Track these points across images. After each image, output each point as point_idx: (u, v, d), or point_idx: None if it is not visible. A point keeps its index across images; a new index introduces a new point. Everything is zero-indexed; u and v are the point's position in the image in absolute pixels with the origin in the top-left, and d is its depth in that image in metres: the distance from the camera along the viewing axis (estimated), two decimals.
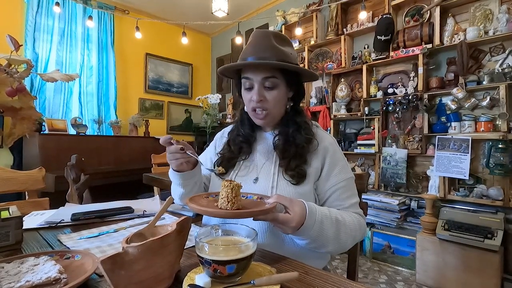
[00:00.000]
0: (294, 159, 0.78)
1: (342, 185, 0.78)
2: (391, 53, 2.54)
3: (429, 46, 2.30)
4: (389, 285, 1.97)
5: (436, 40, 2.28)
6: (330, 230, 0.68)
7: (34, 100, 0.57)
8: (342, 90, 2.89)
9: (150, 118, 3.91)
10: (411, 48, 2.39)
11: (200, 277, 0.41)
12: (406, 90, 2.45)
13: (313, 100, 3.21)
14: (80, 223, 0.82)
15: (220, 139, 0.98)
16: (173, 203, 0.91)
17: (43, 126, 2.81)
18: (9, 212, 0.68)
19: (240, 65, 0.79)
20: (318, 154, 0.80)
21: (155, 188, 2.36)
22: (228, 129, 1.00)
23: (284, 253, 0.64)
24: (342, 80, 2.94)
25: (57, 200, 1.30)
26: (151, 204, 1.04)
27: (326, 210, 0.70)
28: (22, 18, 2.97)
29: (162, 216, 0.79)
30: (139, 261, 0.44)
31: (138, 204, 0.98)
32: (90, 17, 3.06)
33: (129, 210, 0.91)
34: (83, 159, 1.86)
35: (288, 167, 0.78)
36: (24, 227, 0.68)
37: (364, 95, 2.73)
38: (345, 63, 2.93)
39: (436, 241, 1.93)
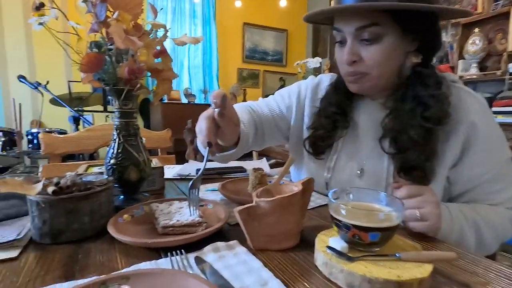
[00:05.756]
0: (413, 153, 0.56)
1: (494, 174, 0.58)
2: None
3: None
4: None
5: None
6: (471, 237, 0.53)
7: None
8: (475, 44, 2.30)
9: (247, 87, 4.08)
10: None
11: (334, 240, 0.39)
12: None
13: None
14: (203, 177, 0.92)
15: (314, 90, 0.77)
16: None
17: (163, 96, 3.31)
18: (153, 163, 0.81)
19: (325, 12, 0.58)
20: (458, 132, 0.57)
21: (254, 153, 2.50)
22: (325, 79, 0.77)
23: None
24: (476, 30, 2.32)
25: (176, 159, 1.51)
26: (259, 164, 1.08)
27: (459, 213, 0.53)
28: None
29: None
30: (270, 215, 0.44)
31: (248, 165, 1.04)
32: None
33: (242, 169, 0.96)
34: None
35: (402, 165, 0.57)
36: None
37: (510, 48, 2.10)
38: (483, 7, 2.29)
39: None
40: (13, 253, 0.42)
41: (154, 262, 0.40)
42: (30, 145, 2.34)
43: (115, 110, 0.59)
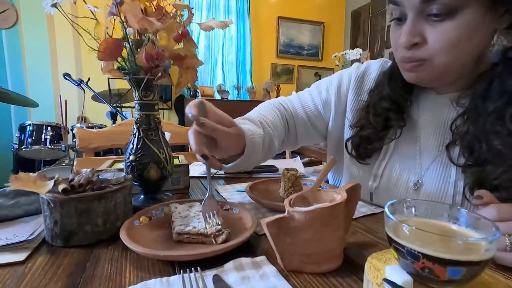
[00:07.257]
0: (495, 167, 0.42)
1: None
2: None
3: None
4: None
5: None
6: None
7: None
8: None
9: (281, 83, 3.98)
10: None
11: (393, 270, 0.29)
12: None
13: None
14: (231, 176, 0.86)
15: (359, 80, 0.64)
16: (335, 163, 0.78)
17: (197, 93, 3.32)
18: (179, 160, 0.76)
19: None
20: None
21: (286, 151, 2.40)
22: (375, 67, 0.64)
23: None
24: None
25: None
26: (293, 164, 0.99)
27: None
28: None
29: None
30: (306, 230, 0.35)
31: (281, 164, 0.95)
32: None
33: (273, 168, 0.88)
34: None
35: (478, 182, 0.44)
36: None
37: None
38: None
39: None
40: (21, 256, 0.39)
41: (165, 279, 0.34)
42: (75, 139, 2.48)
43: (135, 102, 0.54)
